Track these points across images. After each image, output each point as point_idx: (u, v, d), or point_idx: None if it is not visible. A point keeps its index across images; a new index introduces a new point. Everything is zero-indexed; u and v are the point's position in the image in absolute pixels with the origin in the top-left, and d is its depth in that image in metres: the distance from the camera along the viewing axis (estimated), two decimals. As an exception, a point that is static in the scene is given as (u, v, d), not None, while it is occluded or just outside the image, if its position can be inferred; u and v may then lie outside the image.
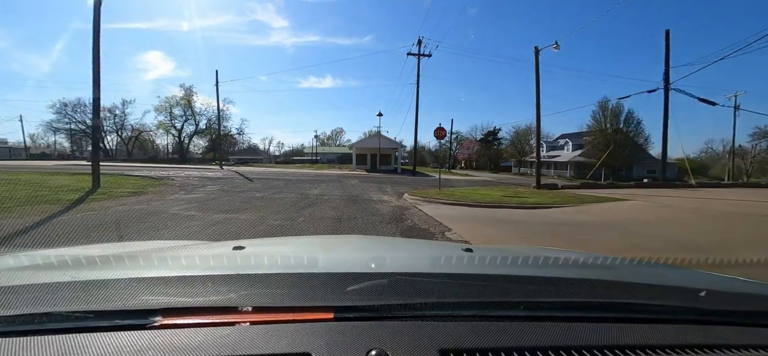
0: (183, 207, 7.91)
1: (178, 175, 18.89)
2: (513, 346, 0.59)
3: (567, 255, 1.44)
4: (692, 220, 7.80)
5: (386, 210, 8.25)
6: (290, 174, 22.93)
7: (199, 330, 0.61)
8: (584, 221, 7.51)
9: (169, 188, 12.09)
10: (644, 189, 17.44)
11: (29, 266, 1.05)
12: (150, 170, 23.30)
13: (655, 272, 1.34)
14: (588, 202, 10.90)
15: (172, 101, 43.54)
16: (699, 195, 13.84)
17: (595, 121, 39.06)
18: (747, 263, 3.81)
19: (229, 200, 9.30)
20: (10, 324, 0.60)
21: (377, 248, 1.63)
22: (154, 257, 1.23)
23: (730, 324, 0.75)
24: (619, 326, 0.70)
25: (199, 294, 0.77)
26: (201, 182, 15.30)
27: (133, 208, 7.64)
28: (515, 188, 17.31)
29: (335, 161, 56.49)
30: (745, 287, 1.10)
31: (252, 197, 10.09)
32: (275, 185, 14.35)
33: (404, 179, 22.39)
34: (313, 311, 0.68)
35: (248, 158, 62.13)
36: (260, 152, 77.29)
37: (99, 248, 1.43)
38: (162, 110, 44.48)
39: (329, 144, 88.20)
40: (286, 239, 2.95)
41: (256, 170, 28.19)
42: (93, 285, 0.80)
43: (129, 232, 5.33)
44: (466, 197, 11.78)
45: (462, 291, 0.87)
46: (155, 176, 17.10)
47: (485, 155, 58.76)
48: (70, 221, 6.03)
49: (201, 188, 12.37)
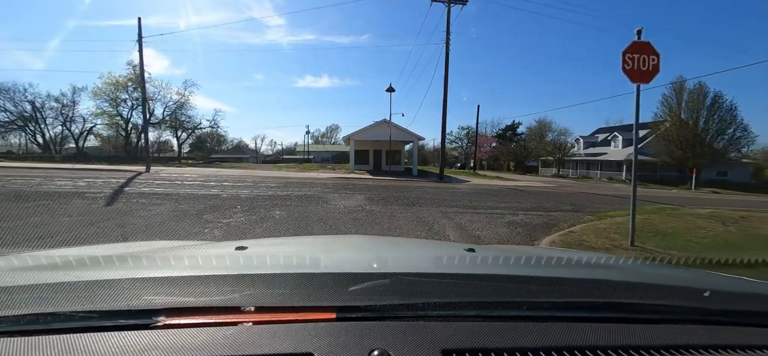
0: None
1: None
2: (516, 346, 0.59)
3: (570, 255, 1.46)
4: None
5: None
6: (250, 181, 13.84)
7: (202, 330, 0.60)
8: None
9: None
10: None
11: (33, 266, 1.02)
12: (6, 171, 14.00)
13: (659, 272, 1.32)
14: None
15: (118, 82, 32.87)
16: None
17: (668, 107, 29.95)
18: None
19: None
20: (15, 324, 0.60)
21: (379, 248, 1.59)
22: (157, 258, 1.20)
23: (735, 325, 0.74)
24: (622, 326, 0.69)
25: (201, 294, 0.76)
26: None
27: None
28: (692, 210, 8.16)
29: (330, 160, 51.43)
30: (750, 287, 1.09)
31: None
32: (143, 218, 5.36)
33: (443, 190, 13.16)
34: (316, 311, 0.68)
35: (233, 157, 54.84)
36: (248, 151, 71.17)
37: (102, 249, 1.39)
38: (100, 93, 33.83)
39: (324, 142, 79.87)
40: (288, 240, 2.74)
41: (216, 172, 18.90)
42: (96, 285, 0.79)
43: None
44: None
45: (464, 291, 0.85)
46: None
47: (510, 153, 49.75)
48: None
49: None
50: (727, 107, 27.37)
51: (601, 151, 39.20)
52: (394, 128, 22.36)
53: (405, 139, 25.05)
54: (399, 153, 28.85)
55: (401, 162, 29.37)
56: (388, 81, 20.89)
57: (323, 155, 58.23)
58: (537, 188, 16.16)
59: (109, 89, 33.63)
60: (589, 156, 39.78)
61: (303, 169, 25.57)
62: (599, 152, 39.03)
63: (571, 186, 20.56)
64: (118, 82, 32.24)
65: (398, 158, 28.58)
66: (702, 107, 27.86)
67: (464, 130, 59.22)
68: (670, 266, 1.75)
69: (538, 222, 6.83)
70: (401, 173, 24.70)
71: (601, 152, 38.71)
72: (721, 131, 27.50)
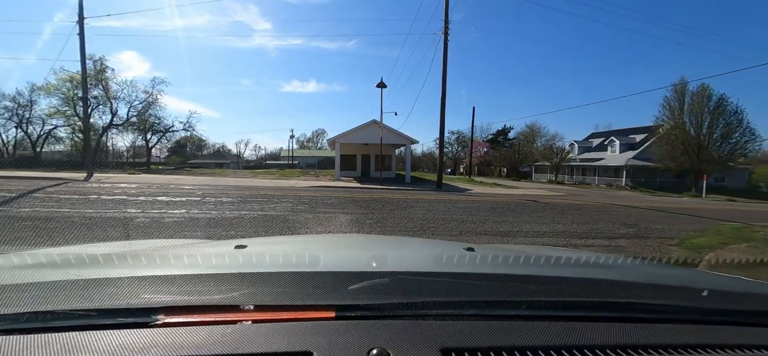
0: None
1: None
2: (514, 345, 0.59)
3: (569, 255, 1.44)
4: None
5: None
6: (204, 193, 11.19)
7: (201, 329, 0.60)
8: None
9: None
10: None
11: (33, 264, 1.02)
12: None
13: (657, 272, 1.32)
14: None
15: (74, 78, 28.70)
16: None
17: (670, 110, 28.60)
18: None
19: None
20: (14, 322, 0.60)
21: (379, 246, 1.57)
22: (156, 256, 1.18)
23: (732, 324, 0.74)
24: (621, 326, 0.69)
25: (201, 293, 0.76)
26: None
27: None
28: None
29: (316, 166, 48.74)
30: (748, 286, 1.08)
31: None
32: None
33: (450, 204, 10.78)
34: (315, 309, 0.67)
35: (212, 163, 51.80)
36: (230, 156, 67.81)
37: (102, 247, 1.39)
38: (53, 90, 29.59)
39: (309, 147, 76.68)
40: (287, 238, 2.75)
41: (174, 181, 16.04)
42: (95, 284, 0.79)
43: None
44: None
45: (464, 290, 0.85)
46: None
47: (502, 158, 48.04)
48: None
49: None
50: (732, 109, 26.18)
51: (597, 156, 37.79)
52: (384, 130, 19.88)
53: (397, 142, 22.57)
54: (390, 158, 26.37)
55: (392, 168, 26.89)
56: (377, 85, 18.39)
57: (309, 160, 55.70)
58: (551, 199, 13.98)
59: (64, 86, 29.81)
60: (585, 161, 38.33)
61: (282, 176, 22.73)
62: (595, 157, 37.62)
63: (580, 195, 18.54)
64: (74, 78, 28.42)
65: (389, 164, 26.09)
66: (706, 109, 26.57)
67: (454, 134, 57.51)
68: (668, 265, 1.77)
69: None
70: (392, 180, 22.19)
71: (597, 157, 37.29)
72: (727, 135, 26.25)
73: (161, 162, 50.57)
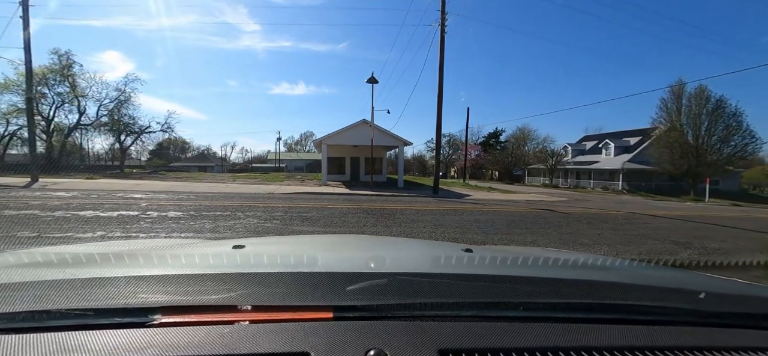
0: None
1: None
2: (512, 347, 0.59)
3: (567, 256, 1.43)
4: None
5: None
6: (164, 202, 9.48)
7: (198, 329, 0.60)
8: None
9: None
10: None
11: (29, 263, 1.01)
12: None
13: (654, 274, 1.30)
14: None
15: (36, 73, 26.04)
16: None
17: (667, 112, 27.91)
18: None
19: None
20: (10, 321, 0.60)
21: (377, 247, 1.54)
22: (153, 256, 1.17)
23: (730, 326, 0.74)
24: (618, 327, 0.69)
25: (198, 293, 0.75)
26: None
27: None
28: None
29: (304, 169, 47.11)
30: (745, 289, 1.07)
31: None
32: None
33: (453, 215, 9.30)
34: (313, 310, 0.67)
35: (195, 166, 49.25)
36: (215, 159, 65.13)
37: (99, 246, 1.36)
38: (12, 86, 26.70)
39: (297, 150, 74.41)
40: (285, 239, 2.64)
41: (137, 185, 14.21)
42: (92, 283, 0.78)
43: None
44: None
45: (461, 292, 0.85)
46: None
47: (495, 161, 47.03)
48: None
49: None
50: (730, 111, 25.60)
51: (591, 159, 37.08)
52: (376, 130, 18.32)
53: (388, 143, 21.01)
54: (381, 161, 24.81)
55: (383, 171, 25.33)
56: (367, 87, 16.95)
57: (297, 163, 53.73)
58: (561, 206, 12.67)
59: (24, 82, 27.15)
60: (579, 164, 37.58)
61: (265, 180, 20.88)
62: (590, 160, 36.89)
63: (584, 200, 17.37)
64: (38, 72, 25.85)
65: (380, 167, 24.52)
66: (704, 111, 25.94)
67: (445, 137, 56.41)
68: (665, 267, 1.80)
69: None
70: (384, 184, 20.64)
71: (592, 161, 36.57)
72: (726, 138, 25.65)
73: (138, 165, 47.64)
